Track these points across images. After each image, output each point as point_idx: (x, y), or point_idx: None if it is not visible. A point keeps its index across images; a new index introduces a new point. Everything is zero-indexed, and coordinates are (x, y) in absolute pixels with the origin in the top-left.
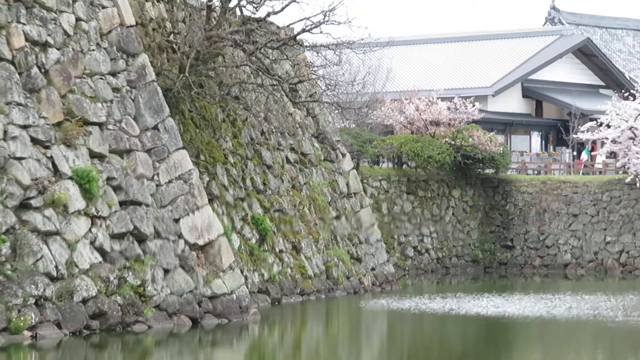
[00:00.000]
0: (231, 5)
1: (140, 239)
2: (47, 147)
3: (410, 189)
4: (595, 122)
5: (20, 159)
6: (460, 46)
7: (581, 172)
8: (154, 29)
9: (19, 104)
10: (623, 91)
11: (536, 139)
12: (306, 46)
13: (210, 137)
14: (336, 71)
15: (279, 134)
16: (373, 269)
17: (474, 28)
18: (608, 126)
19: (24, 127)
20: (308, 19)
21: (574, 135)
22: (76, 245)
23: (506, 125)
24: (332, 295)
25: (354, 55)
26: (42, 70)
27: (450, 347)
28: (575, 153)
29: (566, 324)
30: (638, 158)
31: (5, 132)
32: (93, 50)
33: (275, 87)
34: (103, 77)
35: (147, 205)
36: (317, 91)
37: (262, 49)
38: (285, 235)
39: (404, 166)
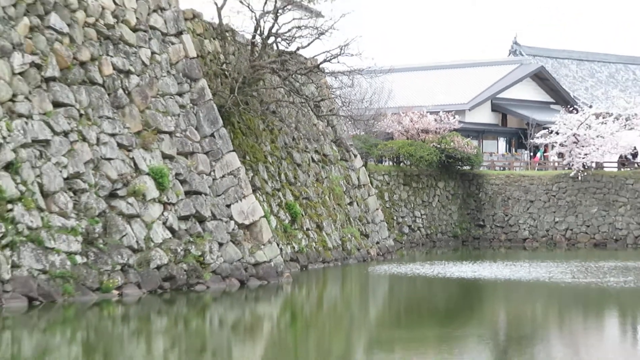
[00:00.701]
0: (269, 41)
1: (201, 220)
2: (129, 150)
3: (406, 181)
4: (547, 130)
5: (109, 159)
6: (444, 72)
7: (536, 168)
8: (210, 60)
9: (108, 118)
10: (568, 106)
11: (502, 143)
12: (327, 73)
13: (253, 142)
14: (349, 92)
15: (306, 140)
16: (377, 242)
17: (453, 57)
18: (557, 133)
19: (112, 135)
20: (328, 52)
21: (531, 140)
22: (152, 225)
23: (479, 132)
24: (346, 262)
25: (363, 80)
26: (126, 92)
27: (437, 301)
28: (532, 154)
29: (527, 284)
30: (580, 157)
31: (98, 139)
32: (164, 76)
33: (303, 104)
34: (172, 97)
35: (205, 195)
36: (335, 107)
37: (293, 75)
38: (310, 217)
39: (401, 164)
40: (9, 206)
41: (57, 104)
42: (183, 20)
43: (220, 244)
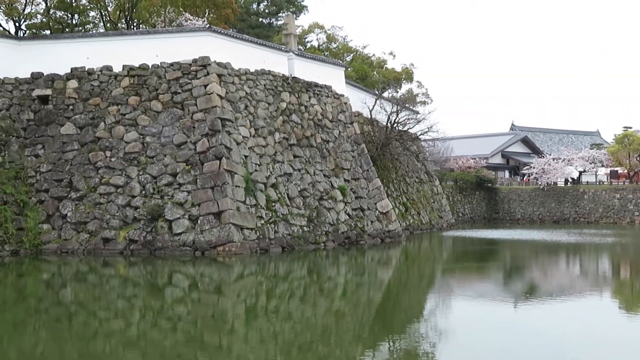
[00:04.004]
0: (394, 125)
1: (362, 210)
2: (328, 177)
3: (460, 191)
4: (529, 166)
5: (319, 182)
6: (477, 139)
7: (524, 184)
8: (366, 134)
9: (318, 162)
10: (539, 155)
11: (507, 173)
12: (422, 139)
13: (387, 173)
14: (432, 149)
15: (412, 172)
16: (447, 220)
17: (483, 130)
18: (534, 167)
19: (321, 170)
20: (422, 130)
21: (521, 171)
22: (339, 212)
23: (495, 168)
24: (432, 230)
25: (439, 143)
26: (327, 150)
27: (475, 248)
28: (522, 178)
29: (521, 240)
30: (545, 179)
31: (314, 172)
32: (345, 142)
33: (411, 155)
34: (349, 152)
35: (364, 198)
36: (426, 156)
37: (406, 141)
38: (414, 209)
39: (458, 183)
40: (273, 204)
41: (295, 156)
42: (353, 116)
43: (372, 221)
